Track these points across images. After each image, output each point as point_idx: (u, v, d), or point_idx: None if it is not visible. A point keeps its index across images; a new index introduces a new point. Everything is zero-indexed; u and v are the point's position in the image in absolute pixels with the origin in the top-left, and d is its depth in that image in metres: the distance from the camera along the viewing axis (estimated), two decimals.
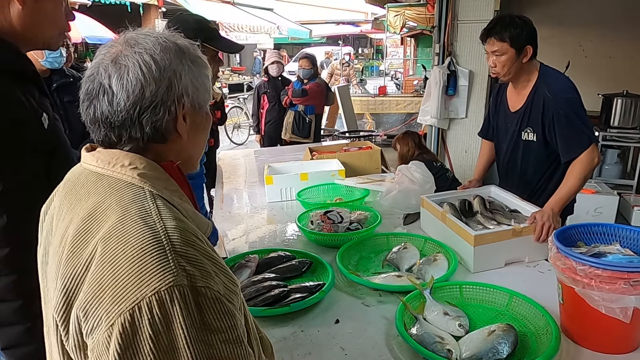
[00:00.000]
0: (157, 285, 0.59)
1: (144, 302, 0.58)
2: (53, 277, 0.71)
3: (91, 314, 0.61)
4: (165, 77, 0.73)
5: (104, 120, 0.73)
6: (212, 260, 0.66)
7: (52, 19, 1.18)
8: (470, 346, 1.18)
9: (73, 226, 0.70)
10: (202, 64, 0.80)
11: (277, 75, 5.12)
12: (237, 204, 2.58)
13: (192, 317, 0.59)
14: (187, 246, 0.64)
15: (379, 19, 15.27)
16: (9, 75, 1.12)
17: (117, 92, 0.71)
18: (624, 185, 4.92)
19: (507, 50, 1.98)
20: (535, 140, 2.09)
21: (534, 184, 2.19)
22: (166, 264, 0.60)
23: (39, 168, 1.16)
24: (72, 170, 0.82)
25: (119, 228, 0.64)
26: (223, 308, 0.62)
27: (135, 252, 0.61)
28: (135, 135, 0.73)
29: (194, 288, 0.60)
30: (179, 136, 0.76)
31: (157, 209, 0.67)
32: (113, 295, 0.59)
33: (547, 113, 2.00)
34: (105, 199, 0.70)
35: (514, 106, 2.18)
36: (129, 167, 0.72)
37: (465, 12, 4.48)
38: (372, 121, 8.71)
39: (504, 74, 2.05)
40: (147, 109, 0.72)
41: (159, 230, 0.64)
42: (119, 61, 0.72)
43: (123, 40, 0.75)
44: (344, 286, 1.55)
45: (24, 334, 1.16)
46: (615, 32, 5.85)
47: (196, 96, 0.77)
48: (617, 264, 1.11)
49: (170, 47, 0.75)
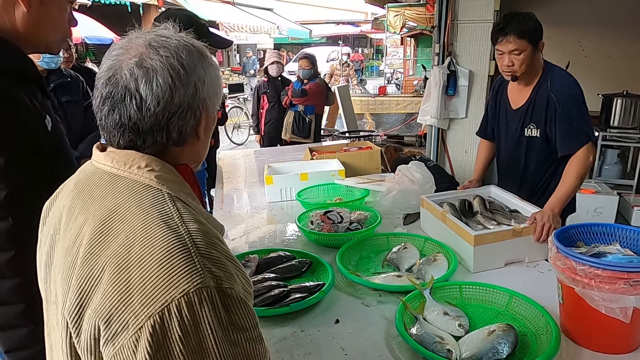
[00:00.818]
0: (186, 287, 0.59)
1: (173, 304, 0.59)
2: (64, 277, 0.71)
3: (116, 319, 0.61)
4: (191, 81, 0.72)
5: (132, 125, 0.71)
6: (233, 262, 0.67)
7: (55, 23, 1.17)
8: (470, 346, 1.18)
9: (89, 227, 0.69)
10: (216, 67, 0.80)
11: (277, 75, 5.11)
12: (237, 204, 2.58)
13: (220, 318, 0.61)
14: (210, 248, 0.65)
15: (379, 19, 15.27)
16: (13, 77, 1.12)
17: (146, 97, 0.70)
18: (624, 185, 4.92)
19: (526, 48, 1.96)
20: (538, 136, 2.10)
21: (535, 182, 2.19)
22: (192, 266, 0.61)
23: (42, 170, 1.15)
24: (81, 169, 0.81)
25: (142, 231, 0.64)
26: (246, 308, 0.64)
27: (161, 255, 0.61)
28: (161, 140, 0.73)
29: (221, 289, 0.61)
30: (196, 139, 0.77)
31: (178, 212, 0.68)
32: (141, 298, 0.60)
33: (550, 108, 2.01)
34: (124, 202, 0.69)
35: (516, 103, 2.17)
36: (146, 169, 0.72)
37: (465, 12, 4.48)
38: (372, 121, 8.70)
39: (522, 72, 2.02)
40: (175, 114, 0.72)
41: (182, 233, 0.64)
42: (145, 64, 0.70)
43: (144, 42, 0.73)
44: (344, 286, 1.55)
45: (26, 337, 1.16)
46: (616, 31, 5.85)
47: (215, 99, 0.78)
48: (617, 264, 1.11)
49: (193, 51, 0.75)
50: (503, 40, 1.99)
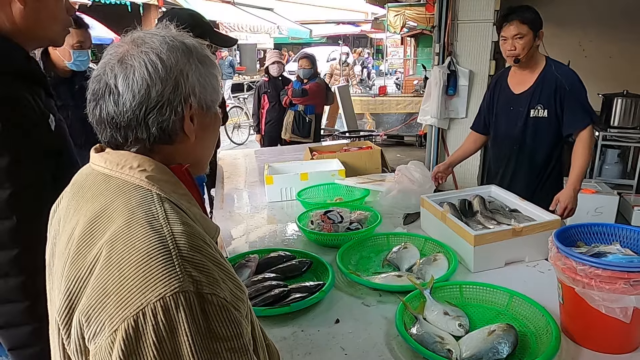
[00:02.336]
0: (162, 291, 0.57)
1: (148, 308, 0.57)
2: (58, 279, 0.71)
3: (94, 319, 0.60)
4: (171, 76, 0.71)
5: (110, 120, 0.72)
6: (220, 266, 0.65)
7: (54, 15, 1.17)
8: (470, 346, 1.17)
9: (79, 228, 0.69)
10: (210, 63, 0.78)
11: (277, 75, 5.12)
12: (237, 204, 2.58)
13: (198, 324, 0.58)
14: (194, 251, 0.63)
15: (379, 19, 15.27)
16: (17, 76, 1.12)
17: (123, 92, 0.70)
18: (624, 185, 4.92)
19: (527, 33, 2.19)
20: (546, 116, 2.26)
21: (541, 166, 2.33)
22: (172, 269, 0.59)
23: (46, 170, 1.16)
24: (80, 171, 0.81)
25: (125, 231, 0.63)
26: (229, 315, 0.61)
27: (140, 256, 0.60)
28: (142, 136, 0.72)
29: (200, 295, 0.59)
30: (186, 137, 0.75)
31: (165, 213, 0.66)
32: (117, 300, 0.58)
33: (559, 89, 2.21)
34: (112, 202, 0.69)
35: (520, 88, 2.34)
36: (138, 169, 0.71)
37: (465, 12, 4.48)
38: (372, 121, 8.70)
39: (524, 56, 2.22)
40: (153, 109, 0.71)
41: (165, 234, 0.63)
42: (126, 61, 0.71)
43: (130, 39, 0.74)
44: (344, 286, 1.55)
45: (30, 335, 1.16)
46: (616, 31, 5.85)
47: (204, 96, 0.76)
48: (617, 264, 1.11)
49: (177, 46, 0.74)
50: (507, 25, 2.21)
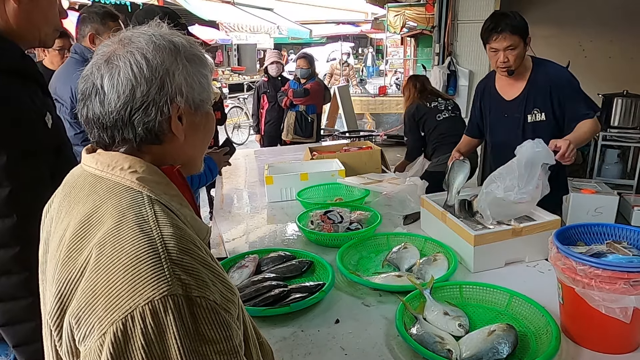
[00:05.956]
0: (151, 294, 0.57)
1: (136, 312, 0.57)
2: (50, 280, 0.71)
3: (83, 322, 0.60)
4: (157, 76, 0.70)
5: (97, 120, 0.72)
6: (210, 269, 0.65)
7: (46, 16, 1.18)
8: (470, 346, 1.17)
9: (70, 230, 0.69)
10: (200, 62, 0.77)
11: (276, 75, 5.11)
12: (237, 204, 2.58)
13: (186, 328, 0.58)
14: (183, 254, 0.62)
15: (379, 19, 15.27)
16: (13, 75, 1.12)
17: (108, 92, 0.70)
18: (624, 185, 4.92)
19: (519, 43, 2.06)
20: (544, 119, 2.16)
21: None
22: (161, 272, 0.59)
23: (44, 168, 1.16)
24: (71, 172, 0.81)
25: (114, 234, 0.63)
26: (218, 318, 0.61)
27: (129, 259, 0.60)
28: (128, 137, 0.72)
29: (189, 298, 0.59)
30: (175, 137, 0.74)
31: (155, 215, 0.66)
32: (106, 303, 0.58)
33: (554, 90, 2.11)
34: (103, 203, 0.68)
35: (511, 95, 2.23)
36: (128, 171, 0.70)
37: (465, 12, 4.48)
38: (372, 121, 8.71)
39: (517, 66, 2.11)
40: (138, 109, 0.70)
41: (154, 237, 0.62)
42: (112, 61, 0.71)
43: (118, 39, 0.73)
44: (344, 286, 1.55)
45: (34, 331, 1.16)
46: (615, 32, 5.85)
47: (191, 95, 0.74)
48: (617, 264, 1.11)
49: (164, 45, 0.73)
50: (498, 37, 2.06)
